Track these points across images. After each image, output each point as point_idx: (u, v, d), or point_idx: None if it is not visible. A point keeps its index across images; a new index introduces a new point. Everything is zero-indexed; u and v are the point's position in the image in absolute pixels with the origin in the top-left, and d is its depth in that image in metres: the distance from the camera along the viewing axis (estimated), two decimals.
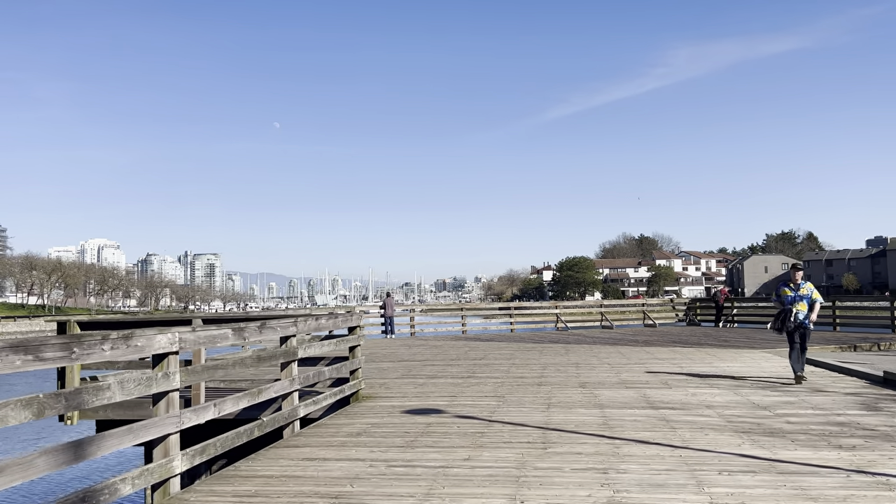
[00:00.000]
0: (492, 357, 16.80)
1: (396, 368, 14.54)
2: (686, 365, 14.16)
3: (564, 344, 20.95)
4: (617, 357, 16.19)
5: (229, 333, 6.33)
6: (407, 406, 9.49)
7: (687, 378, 12.00)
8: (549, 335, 26.21)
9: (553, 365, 14.63)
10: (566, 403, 9.47)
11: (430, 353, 18.57)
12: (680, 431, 7.41)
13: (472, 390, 10.98)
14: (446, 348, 20.06)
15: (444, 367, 14.53)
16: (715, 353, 16.55)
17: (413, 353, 18.71)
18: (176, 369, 5.49)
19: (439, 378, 12.69)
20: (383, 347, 21.08)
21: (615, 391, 10.54)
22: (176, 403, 5.52)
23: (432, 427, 7.91)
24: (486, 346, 20.87)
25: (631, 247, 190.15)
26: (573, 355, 16.88)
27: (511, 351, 18.55)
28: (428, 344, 22.22)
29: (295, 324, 7.88)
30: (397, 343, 23.03)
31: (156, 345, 5.22)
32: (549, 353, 17.79)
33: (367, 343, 23.32)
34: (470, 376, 12.87)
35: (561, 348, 19.20)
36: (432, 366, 14.94)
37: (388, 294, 27.65)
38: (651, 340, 21.61)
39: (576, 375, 12.71)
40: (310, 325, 8.42)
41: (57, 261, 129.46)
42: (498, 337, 25.86)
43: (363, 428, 7.98)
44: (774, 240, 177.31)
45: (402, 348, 20.50)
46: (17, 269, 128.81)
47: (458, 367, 14.46)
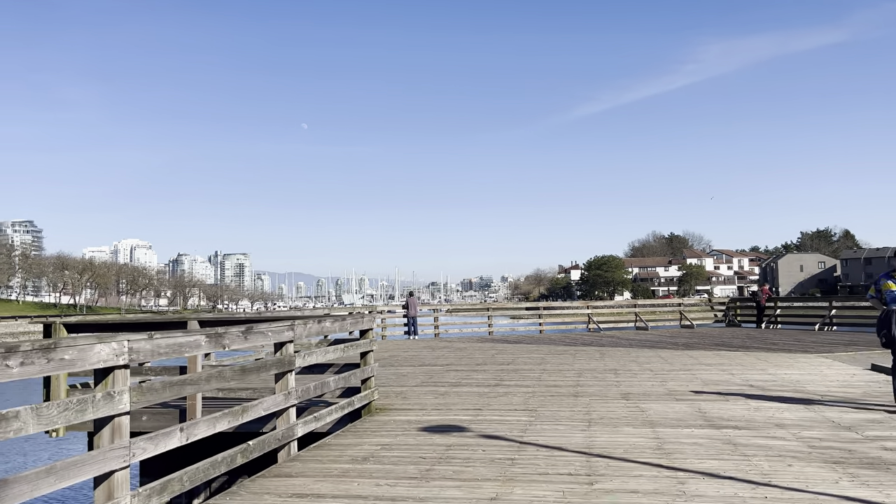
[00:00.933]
0: (521, 361, 15.51)
1: (417, 374, 13.33)
2: (738, 372, 12.72)
3: (599, 347, 19.56)
4: (658, 362, 14.78)
5: (202, 341, 5.16)
6: (425, 421, 8.26)
7: (743, 388, 10.58)
8: (581, 337, 24.80)
9: (589, 371, 13.29)
10: (609, 420, 8.16)
11: (453, 356, 17.33)
12: (755, 460, 6.07)
13: (499, 402, 9.72)
14: (471, 351, 18.81)
15: (468, 374, 13.29)
16: (766, 358, 15.05)
17: (436, 356, 17.49)
18: (124, 387, 4.33)
19: (463, 386, 11.45)
20: (405, 350, 19.90)
21: (664, 404, 9.19)
22: (124, 431, 4.35)
23: (453, 450, 6.67)
24: (514, 348, 19.58)
25: (661, 245, 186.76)
26: (610, 360, 15.51)
27: (541, 355, 17.23)
28: (452, 346, 20.99)
29: (292, 328, 6.70)
30: (420, 345, 21.83)
31: (93, 357, 4.06)
32: (582, 357, 16.44)
33: (389, 345, 22.16)
34: (497, 384, 11.60)
35: (595, 352, 17.82)
36: (455, 371, 13.70)
37: (412, 293, 26.47)
38: (692, 343, 20.11)
39: (616, 384, 11.37)
40: (311, 328, 7.24)
41: (88, 261, 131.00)
42: (526, 339, 24.53)
43: (371, 450, 6.77)
44: (810, 238, 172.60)
45: (424, 351, 19.29)
46: (50, 269, 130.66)
47: (483, 374, 13.21)
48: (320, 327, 7.47)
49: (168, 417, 9.46)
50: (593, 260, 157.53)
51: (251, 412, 5.87)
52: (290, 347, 6.72)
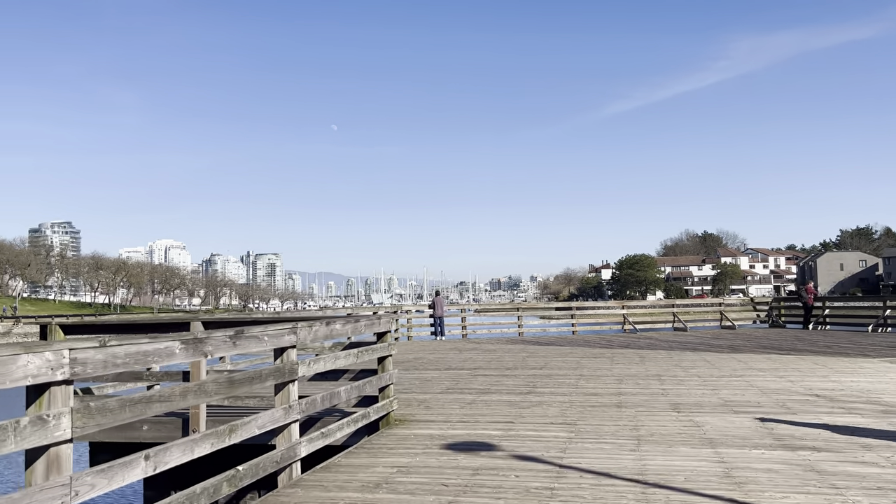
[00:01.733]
0: (554, 365, 14.44)
1: (442, 379, 12.36)
2: (796, 378, 11.50)
3: (637, 349, 18.37)
4: (705, 367, 13.60)
5: (175, 348, 4.24)
6: (449, 436, 7.29)
7: (808, 398, 9.40)
8: (617, 338, 23.59)
9: (630, 377, 12.18)
10: (661, 437, 7.09)
11: (482, 359, 16.32)
12: (849, 494, 4.97)
13: (533, 413, 8.69)
14: (501, 353, 17.78)
15: (498, 379, 12.27)
16: (825, 363, 13.76)
17: (463, 359, 16.50)
18: (64, 409, 3.43)
19: (492, 394, 10.44)
20: (431, 351, 18.94)
21: (722, 418, 8.07)
22: (63, 464, 3.45)
23: (481, 476, 5.68)
24: (547, 351, 18.49)
25: (694, 244, 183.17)
26: (651, 364, 14.35)
27: (577, 358, 16.13)
28: (481, 348, 19.97)
29: (294, 331, 5.78)
30: (447, 346, 20.86)
31: (17, 372, 3.16)
32: (621, 360, 15.30)
33: (415, 346, 21.23)
34: (530, 391, 10.57)
35: (634, 355, 16.66)
36: (484, 376, 12.70)
37: (438, 293, 25.50)
38: (737, 345, 18.81)
39: (662, 392, 10.26)
40: (317, 331, 6.30)
41: (122, 261, 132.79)
42: (559, 340, 23.40)
43: (386, 474, 5.81)
44: (849, 235, 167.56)
45: (451, 353, 18.31)
46: (86, 269, 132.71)
47: (514, 379, 12.18)
48: (328, 330, 6.53)
49: (170, 427, 8.65)
50: (625, 259, 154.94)
51: (241, 431, 4.95)
52: (292, 354, 5.80)
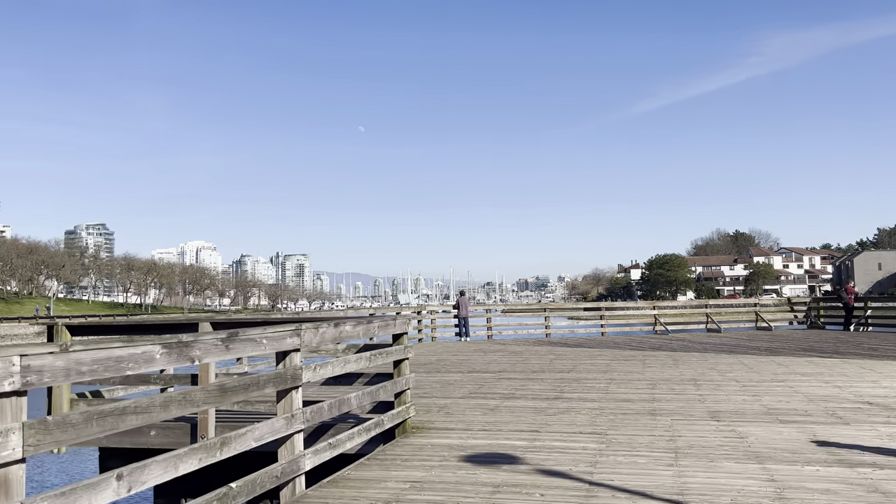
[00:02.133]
0: (583, 369, 13.81)
1: (464, 383, 11.82)
2: (844, 384, 10.74)
3: (670, 352, 17.63)
4: (743, 371, 12.86)
5: (155, 353, 3.78)
6: (469, 447, 6.75)
7: (860, 406, 8.68)
8: (649, 340, 22.81)
9: (664, 381, 11.51)
10: (702, 449, 6.47)
11: (507, 361, 15.74)
12: None
13: (560, 421, 8.12)
14: (527, 356, 17.18)
15: (523, 383, 11.69)
16: (872, 367, 12.93)
17: (488, 361, 15.94)
18: (14, 424, 2.97)
19: (517, 399, 9.87)
20: (455, 353, 18.42)
21: (767, 428, 7.41)
22: (14, 486, 2.99)
23: (502, 494, 5.14)
24: (575, 353, 17.84)
25: (725, 243, 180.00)
26: (686, 367, 13.65)
27: (606, 360, 15.47)
28: (506, 350, 19.39)
29: (297, 333, 5.30)
30: (472, 348, 20.31)
31: None
32: (653, 363, 14.61)
33: (438, 347, 20.73)
34: (557, 397, 9.98)
35: (667, 357, 15.93)
36: (508, 380, 12.13)
37: (462, 293, 24.95)
38: (776, 348, 17.96)
39: (699, 398, 9.60)
40: (325, 334, 5.81)
41: (152, 262, 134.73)
42: (588, 342, 22.71)
43: (397, 491, 5.30)
44: (887, 234, 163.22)
45: (475, 354, 17.77)
46: (118, 270, 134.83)
47: (540, 384, 11.59)
48: (337, 332, 6.04)
49: (178, 433, 8.29)
50: (654, 259, 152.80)
51: (235, 444, 4.47)
52: (296, 358, 5.32)
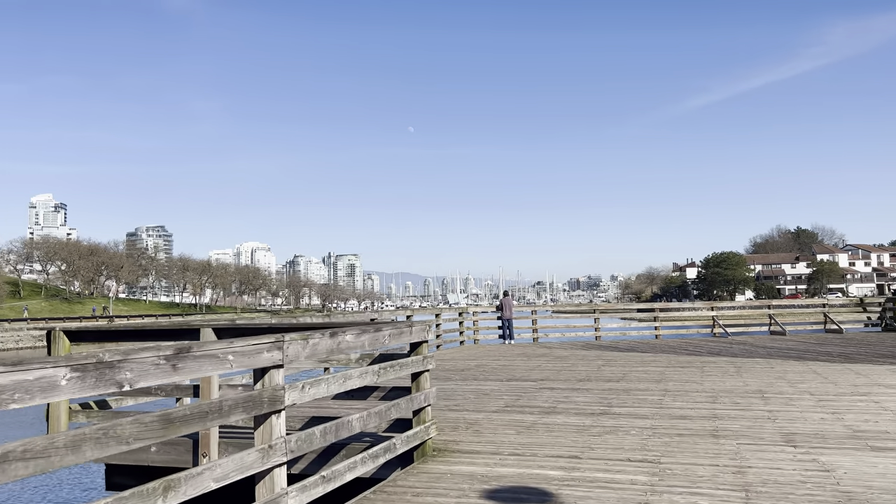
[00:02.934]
0: (634, 377, 12.59)
1: (502, 393, 10.77)
2: None
3: (731, 357, 16.18)
4: (816, 381, 11.45)
5: (60, 378, 2.90)
6: (496, 476, 5.74)
7: None
8: (707, 343, 21.28)
9: (725, 394, 10.23)
10: (778, 487, 5.29)
11: (551, 368, 14.61)
12: None
13: (605, 443, 7.01)
14: (573, 361, 16.00)
15: (566, 394, 10.58)
16: None
17: (530, 367, 14.83)
18: None
19: (557, 414, 8.79)
20: (496, 357, 17.35)
21: (857, 458, 6.16)
22: None
23: None
24: (626, 359, 16.57)
25: (786, 241, 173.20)
26: (750, 376, 12.29)
27: (660, 368, 14.19)
28: (551, 354, 18.23)
29: (279, 345, 4.38)
30: (515, 352, 19.22)
31: None
32: (713, 371, 13.27)
33: (480, 351, 19.71)
34: (603, 412, 8.86)
35: (728, 364, 14.54)
36: (551, 390, 11.02)
37: (506, 293, 23.84)
38: (851, 353, 16.31)
39: (768, 416, 8.34)
40: (318, 345, 4.88)
41: (206, 262, 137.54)
42: (640, 346, 21.33)
43: None
44: None
45: (518, 359, 16.67)
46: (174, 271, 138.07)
47: (586, 395, 10.45)
48: (334, 343, 5.09)
49: (180, 450, 7.58)
50: (711, 257, 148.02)
51: (186, 487, 3.57)
52: (277, 376, 4.40)
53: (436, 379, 12.80)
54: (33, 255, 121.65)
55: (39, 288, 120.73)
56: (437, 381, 12.56)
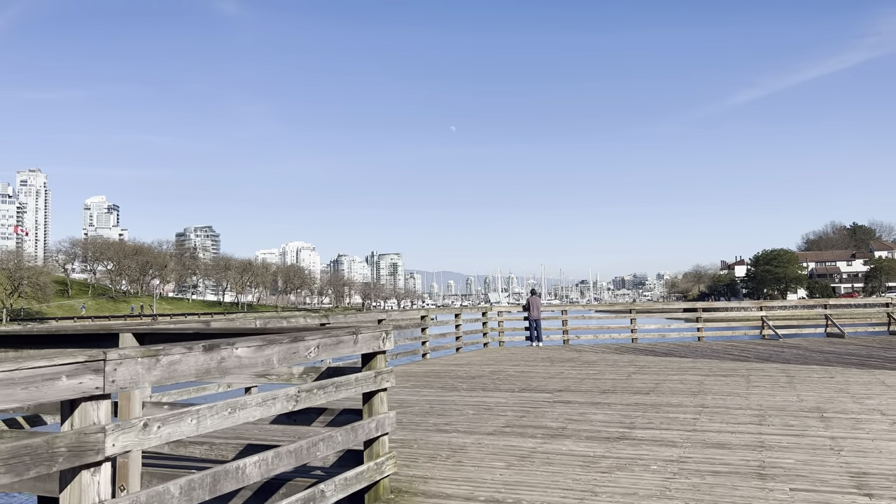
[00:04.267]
0: (667, 389, 10.88)
1: (506, 408, 9.22)
2: None
3: (782, 364, 14.27)
4: (885, 394, 9.57)
5: None
6: None
7: None
8: (754, 347, 19.27)
9: (775, 412, 8.49)
10: None
11: (575, 375, 12.97)
12: None
13: (614, 484, 5.42)
14: (602, 367, 14.32)
15: (583, 410, 8.97)
16: None
17: (551, 374, 13.21)
18: None
19: (565, 438, 7.21)
20: (517, 362, 15.75)
21: None
22: None
23: None
24: (662, 364, 14.80)
25: (841, 237, 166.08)
26: (805, 388, 10.46)
27: (699, 376, 12.41)
28: (579, 359, 16.54)
29: (98, 369, 2.96)
30: (539, 356, 17.58)
31: None
32: (761, 381, 11.46)
33: (501, 354, 18.12)
34: (622, 436, 7.24)
35: (778, 372, 12.67)
36: (566, 404, 9.42)
37: (533, 291, 22.15)
38: None
39: (830, 445, 6.61)
40: (177, 364, 3.44)
41: (247, 262, 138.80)
42: (679, 349, 19.45)
43: None
44: None
45: (540, 365, 15.05)
46: (216, 270, 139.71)
47: (606, 411, 8.83)
48: (209, 360, 3.63)
49: None
50: (761, 254, 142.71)
51: None
52: (95, 411, 2.99)
53: (441, 388, 11.33)
54: (81, 255, 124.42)
55: (87, 287, 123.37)
56: (441, 390, 11.10)
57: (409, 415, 8.80)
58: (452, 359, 17.19)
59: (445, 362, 16.19)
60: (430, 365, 15.55)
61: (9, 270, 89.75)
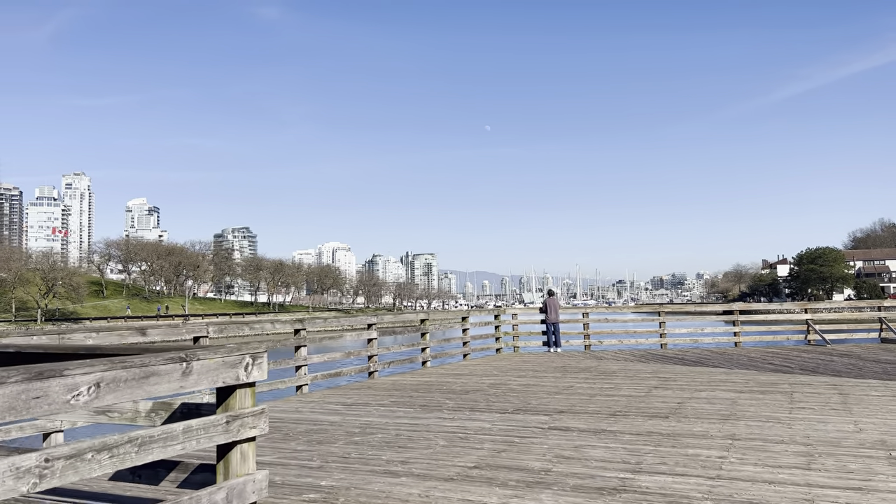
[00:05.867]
0: (691, 410, 9.01)
1: (486, 438, 7.48)
2: None
3: (832, 376, 12.23)
4: None
5: None
6: None
7: None
8: (799, 354, 17.12)
9: (828, 447, 6.59)
10: None
11: (585, 391, 11.14)
12: None
13: None
14: (620, 380, 12.45)
15: (580, 441, 7.18)
16: None
17: (558, 388, 11.40)
18: None
19: (545, 487, 5.45)
20: (524, 372, 13.94)
21: None
22: None
23: None
24: (690, 376, 12.88)
25: (891, 235, 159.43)
26: (863, 412, 8.49)
27: (732, 392, 10.48)
28: (597, 368, 14.67)
29: None
30: (553, 364, 15.73)
31: None
32: (807, 399, 9.49)
33: (512, 362, 16.34)
34: (619, 487, 5.46)
35: (829, 388, 10.65)
36: (561, 432, 7.63)
37: (551, 292, 20.28)
38: None
39: None
40: None
41: (278, 262, 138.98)
42: (712, 356, 17.42)
43: None
44: None
45: (549, 376, 13.23)
46: (247, 271, 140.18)
47: (609, 443, 7.02)
48: None
49: None
50: (805, 253, 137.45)
51: None
52: None
53: (422, 407, 9.65)
54: (116, 256, 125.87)
55: (122, 287, 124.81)
56: (421, 410, 9.43)
57: (363, 447, 7.13)
58: (455, 367, 15.48)
59: (445, 372, 14.50)
60: (426, 375, 13.88)
61: (43, 271, 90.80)
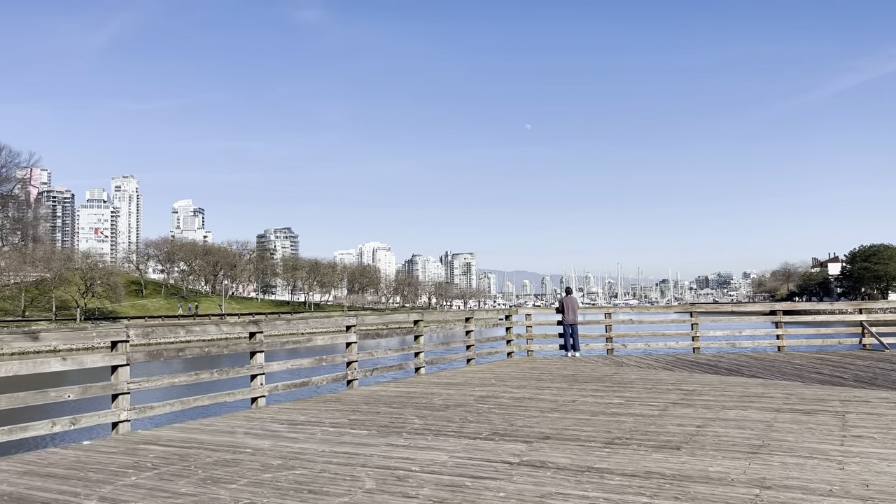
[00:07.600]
0: (711, 436, 7.07)
1: (426, 481, 5.70)
2: None
3: (893, 390, 10.09)
4: None
5: None
6: None
7: None
8: (852, 362, 14.85)
9: (893, 500, 4.66)
10: None
11: (587, 408, 9.25)
12: None
13: None
14: (634, 392, 10.52)
15: (551, 489, 5.35)
16: None
17: (557, 405, 9.54)
18: None
19: None
20: (524, 382, 12.08)
21: None
22: None
23: None
24: (719, 389, 10.86)
25: None
26: None
27: (768, 412, 8.48)
28: (612, 378, 12.71)
29: None
30: (564, 372, 13.81)
31: None
32: (863, 423, 7.46)
33: (520, 368, 14.48)
34: None
35: (892, 407, 8.57)
36: (534, 470, 5.81)
37: (569, 291, 18.31)
38: None
39: None
40: None
41: (313, 262, 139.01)
42: (750, 363, 15.27)
43: None
44: None
45: (552, 389, 11.34)
46: (285, 270, 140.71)
47: (589, 493, 5.19)
48: None
49: None
50: (858, 250, 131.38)
51: None
52: None
53: (379, 429, 7.96)
54: (155, 256, 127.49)
55: (161, 287, 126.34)
56: (376, 433, 7.74)
57: (265, 489, 5.45)
58: (451, 375, 13.72)
59: (437, 380, 12.76)
60: (414, 384, 12.16)
61: (82, 271, 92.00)
